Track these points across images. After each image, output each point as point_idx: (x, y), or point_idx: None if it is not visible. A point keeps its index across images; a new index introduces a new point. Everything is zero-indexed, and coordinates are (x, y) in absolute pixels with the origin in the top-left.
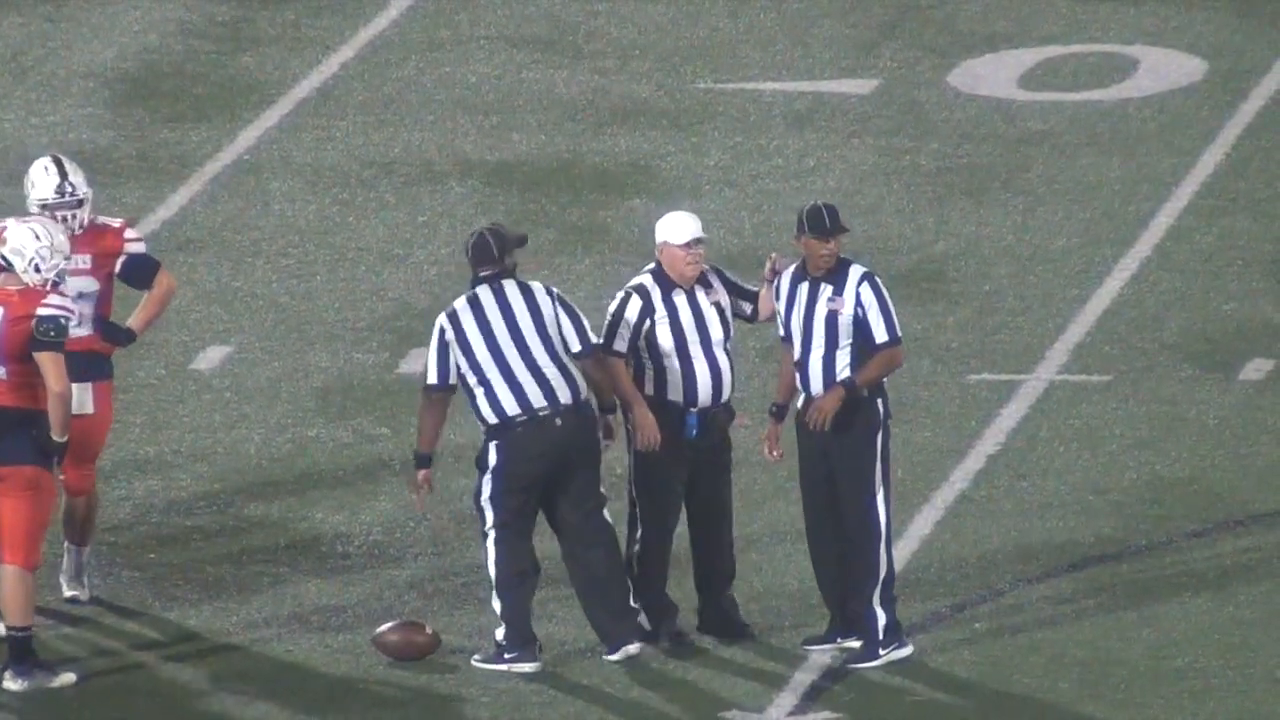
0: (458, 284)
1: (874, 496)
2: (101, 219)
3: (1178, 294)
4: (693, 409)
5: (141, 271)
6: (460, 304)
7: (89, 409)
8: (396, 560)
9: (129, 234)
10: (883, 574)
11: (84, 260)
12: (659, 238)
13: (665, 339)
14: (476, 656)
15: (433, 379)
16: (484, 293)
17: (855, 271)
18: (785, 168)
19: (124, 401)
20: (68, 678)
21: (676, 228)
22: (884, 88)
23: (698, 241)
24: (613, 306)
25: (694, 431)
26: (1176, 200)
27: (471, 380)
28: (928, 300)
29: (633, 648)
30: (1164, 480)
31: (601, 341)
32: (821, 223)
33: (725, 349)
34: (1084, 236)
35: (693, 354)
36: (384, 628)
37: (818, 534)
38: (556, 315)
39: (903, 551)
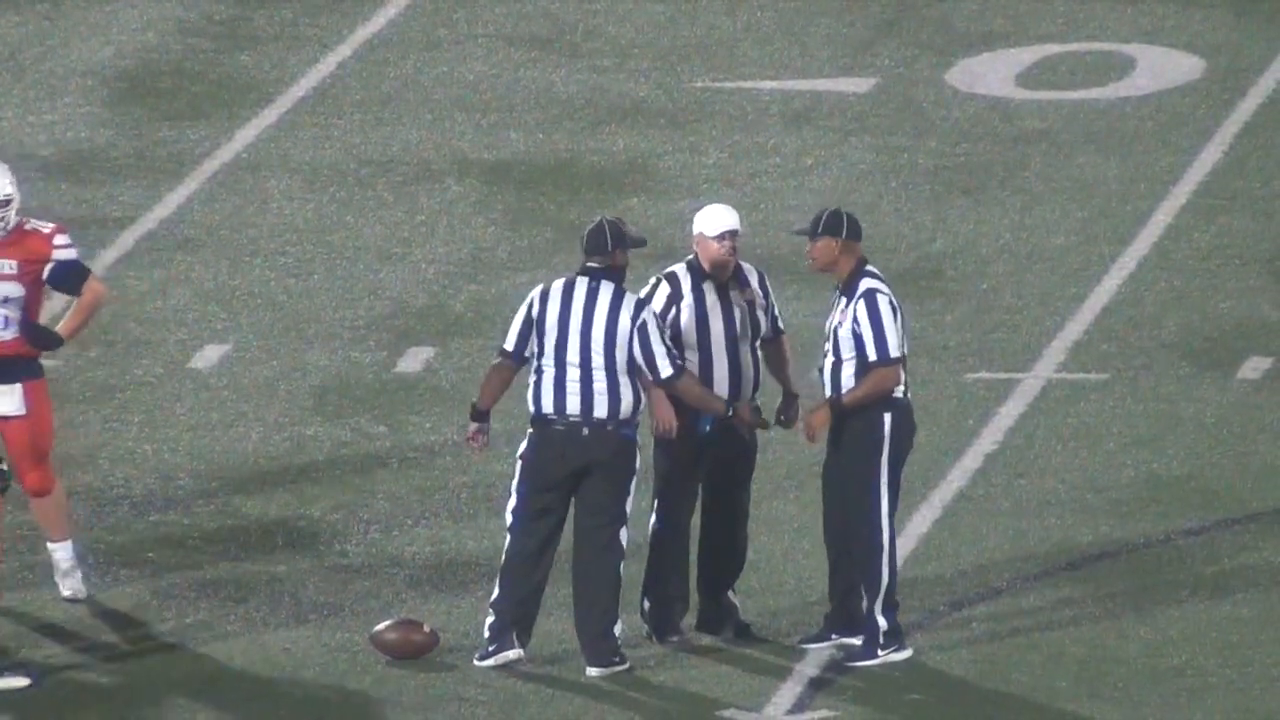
0: (456, 282)
1: (877, 510)
2: (33, 223)
3: (1175, 292)
4: None
5: (71, 278)
6: (556, 285)
7: (21, 410)
8: (394, 559)
9: (59, 240)
10: (884, 584)
11: (10, 266)
12: (694, 229)
13: (688, 329)
14: (476, 656)
15: (509, 345)
16: (580, 284)
17: (862, 286)
18: (783, 166)
19: (121, 400)
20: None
21: (710, 219)
22: (881, 86)
23: (731, 234)
24: (642, 292)
25: (706, 427)
26: (1174, 199)
27: (532, 364)
28: (925, 299)
29: (593, 671)
30: (1162, 479)
31: (673, 372)
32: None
33: (751, 347)
34: (1082, 235)
35: (714, 348)
36: (381, 626)
37: (829, 531)
38: (631, 337)
39: (901, 550)
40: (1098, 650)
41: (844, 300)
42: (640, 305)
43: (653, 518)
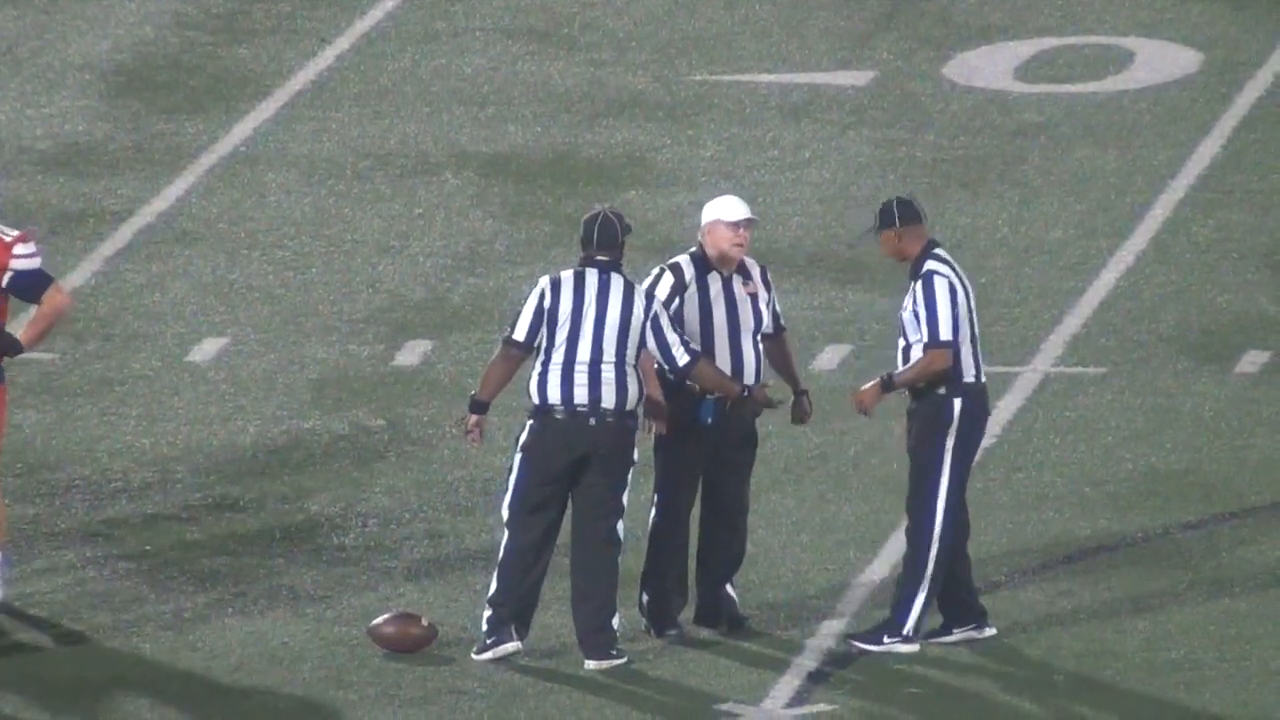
0: (454, 275)
1: (934, 496)
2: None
3: (1174, 286)
4: (709, 395)
5: (31, 287)
6: (566, 277)
7: None
8: (392, 552)
9: (19, 249)
10: (929, 573)
11: None
12: (707, 217)
13: (691, 320)
14: (474, 649)
15: (519, 335)
16: (591, 276)
17: (923, 269)
18: (781, 160)
19: (119, 393)
20: None
21: (728, 206)
22: (879, 80)
23: (749, 222)
24: (646, 282)
25: (709, 418)
26: (1172, 192)
27: (539, 355)
28: None
29: (591, 664)
30: (1160, 472)
31: (690, 359)
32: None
33: (754, 339)
34: (1080, 228)
35: (717, 339)
36: (380, 620)
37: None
38: (644, 330)
39: (899, 544)
40: (1095, 644)
41: (910, 283)
42: (649, 297)
43: (652, 510)
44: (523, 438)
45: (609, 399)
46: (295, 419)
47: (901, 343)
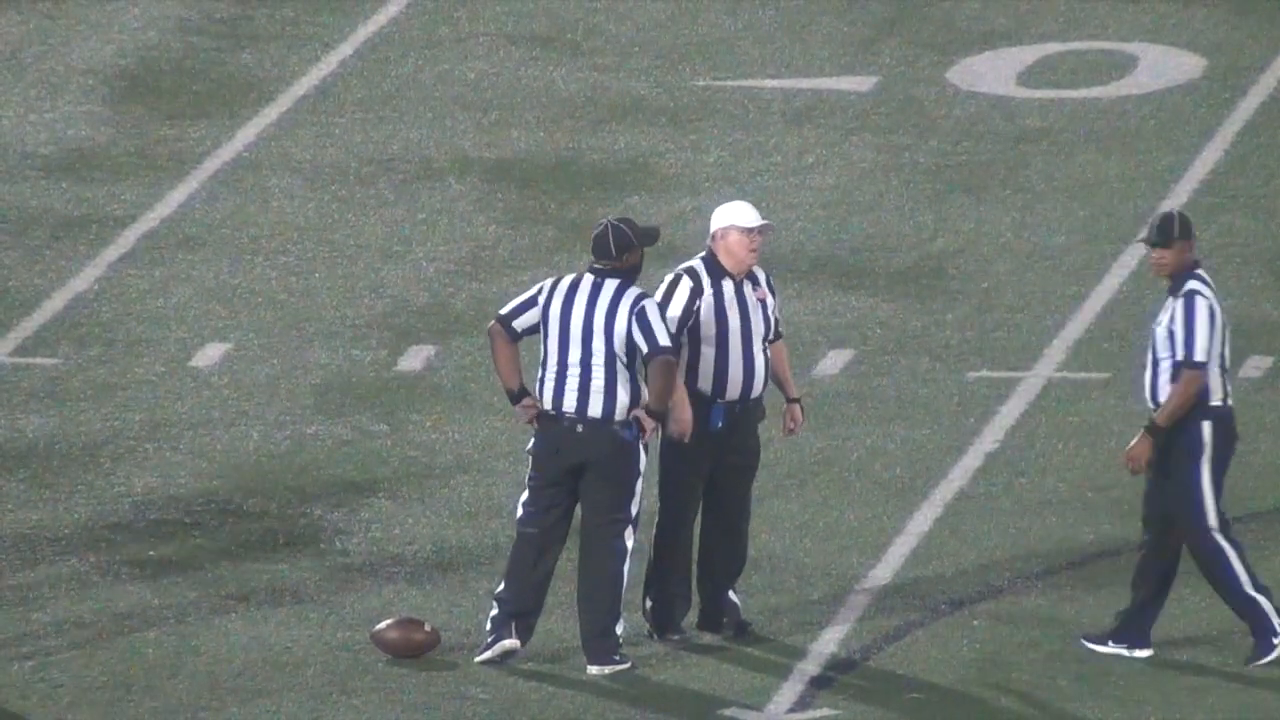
0: (457, 281)
1: (1203, 519)
2: None
3: None
4: (719, 401)
5: None
6: (564, 281)
7: None
8: (395, 557)
9: None
10: (1244, 581)
11: None
12: (719, 223)
13: (707, 326)
14: (476, 653)
15: (504, 310)
16: (585, 282)
17: (1186, 287)
18: (784, 165)
19: (123, 398)
20: None
21: (742, 212)
22: (883, 85)
23: (764, 228)
24: (661, 289)
25: (718, 424)
26: (1175, 197)
27: (541, 362)
28: (926, 298)
29: (593, 669)
30: None
31: (670, 345)
32: (1148, 233)
33: (764, 345)
34: (1083, 234)
35: (730, 345)
36: (383, 625)
37: (1148, 542)
38: (629, 328)
39: (902, 549)
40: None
41: (1169, 299)
42: (641, 297)
43: (655, 515)
44: (531, 441)
45: (596, 408)
46: (298, 424)
47: (1149, 357)
